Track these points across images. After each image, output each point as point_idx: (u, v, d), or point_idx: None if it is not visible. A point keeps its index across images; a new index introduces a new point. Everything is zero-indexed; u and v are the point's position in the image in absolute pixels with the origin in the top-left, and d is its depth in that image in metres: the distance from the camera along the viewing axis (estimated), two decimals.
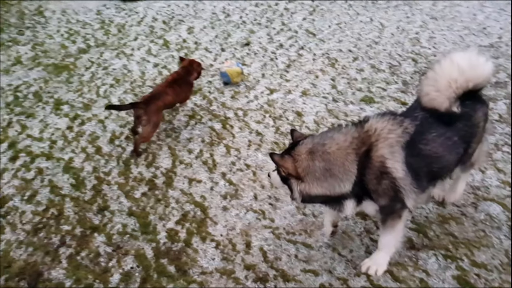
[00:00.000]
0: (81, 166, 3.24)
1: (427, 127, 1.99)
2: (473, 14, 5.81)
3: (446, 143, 2.03)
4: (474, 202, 2.72)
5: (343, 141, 1.95)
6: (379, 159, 1.90)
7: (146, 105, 3.22)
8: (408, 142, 1.92)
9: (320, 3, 6.74)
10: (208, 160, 3.27)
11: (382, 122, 1.96)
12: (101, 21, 6.53)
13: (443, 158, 2.05)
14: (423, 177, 2.01)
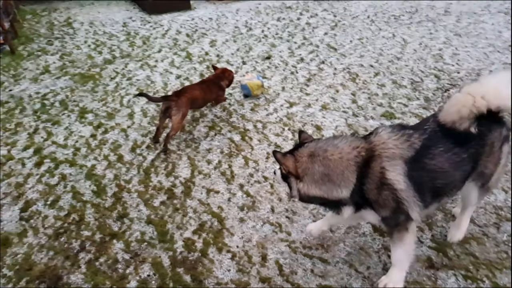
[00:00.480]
0: (103, 174, 3.31)
1: (435, 141, 1.99)
2: (498, 31, 5.73)
3: (453, 159, 1.99)
4: (496, 222, 2.64)
5: (346, 151, 1.99)
6: (379, 171, 1.93)
7: (176, 96, 3.51)
8: (413, 157, 1.93)
9: (342, 18, 6.78)
10: (226, 171, 3.29)
11: (389, 135, 1.99)
12: (127, 33, 6.73)
13: (448, 174, 2.01)
14: (427, 192, 2.00)
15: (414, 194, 1.95)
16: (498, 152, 2.13)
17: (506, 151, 2.19)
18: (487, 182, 2.22)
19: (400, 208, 1.96)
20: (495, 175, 2.21)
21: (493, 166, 2.16)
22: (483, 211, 2.73)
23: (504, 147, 2.16)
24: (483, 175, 2.17)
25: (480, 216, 2.69)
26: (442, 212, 2.73)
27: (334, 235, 2.64)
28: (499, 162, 2.17)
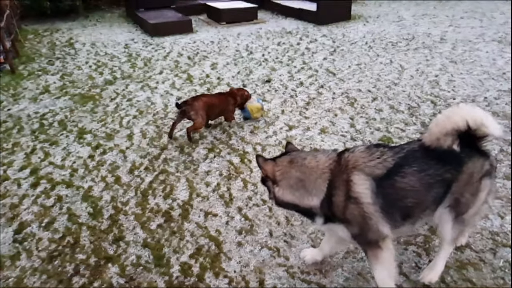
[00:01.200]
0: (100, 195, 3.27)
1: (411, 161, 2.01)
2: (492, 59, 5.84)
3: (427, 179, 2.00)
4: (492, 248, 2.61)
5: (323, 161, 2.08)
6: (348, 183, 1.99)
7: (192, 100, 3.89)
8: (384, 174, 1.98)
9: (341, 44, 6.91)
10: (225, 193, 3.26)
11: (363, 152, 2.06)
12: (128, 54, 6.82)
13: (419, 193, 2.01)
14: (396, 210, 2.03)
15: (382, 211, 1.98)
16: (477, 184, 2.06)
17: (487, 187, 2.09)
18: (462, 212, 2.12)
19: (368, 224, 1.99)
20: (472, 209, 2.12)
21: (469, 197, 2.08)
22: (480, 236, 2.71)
23: (485, 181, 2.08)
24: (458, 203, 2.09)
25: (477, 242, 2.66)
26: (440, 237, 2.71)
27: (332, 260, 2.60)
28: (477, 194, 2.09)
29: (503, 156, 3.54)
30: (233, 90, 4.26)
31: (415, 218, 2.12)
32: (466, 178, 2.03)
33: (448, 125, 1.98)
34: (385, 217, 1.99)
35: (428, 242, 2.67)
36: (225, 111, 4.16)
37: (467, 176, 2.03)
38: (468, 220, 2.16)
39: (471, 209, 2.12)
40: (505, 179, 3.24)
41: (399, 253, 2.59)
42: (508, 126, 4.01)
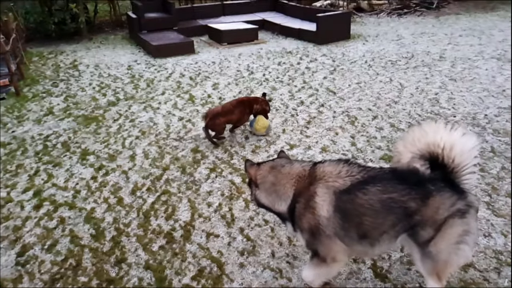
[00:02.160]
0: (102, 217, 3.28)
1: (378, 180, 2.02)
2: (492, 76, 5.89)
3: (388, 202, 1.98)
4: (496, 267, 2.59)
5: (295, 170, 2.21)
6: (310, 193, 2.10)
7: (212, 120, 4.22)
8: (346, 189, 2.03)
9: (341, 63, 7.00)
10: (226, 214, 3.26)
11: (331, 166, 2.14)
12: (131, 75, 6.92)
13: (378, 214, 2.01)
14: (353, 227, 2.05)
15: (337, 226, 2.04)
16: (441, 220, 1.96)
17: (458, 227, 1.97)
18: (424, 246, 2.03)
19: (320, 236, 2.08)
20: (440, 245, 2.00)
21: (432, 232, 1.99)
22: (483, 255, 2.68)
23: (454, 220, 1.96)
24: (418, 235, 2.02)
25: (481, 261, 2.64)
26: None
27: (335, 281, 2.57)
28: (442, 231, 1.98)
29: (505, 173, 3.54)
30: (254, 98, 4.48)
31: (373, 240, 2.09)
32: (430, 212, 1.96)
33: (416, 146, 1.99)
34: (340, 233, 2.06)
35: None
36: (240, 121, 4.43)
37: (432, 210, 1.96)
38: (437, 256, 2.02)
39: (438, 245, 2.00)
40: (507, 196, 3.23)
41: (403, 273, 2.57)
42: (508, 143, 4.02)
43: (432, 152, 1.96)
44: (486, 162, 3.71)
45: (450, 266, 2.05)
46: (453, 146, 1.92)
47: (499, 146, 3.98)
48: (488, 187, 3.36)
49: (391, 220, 2.01)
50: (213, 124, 4.24)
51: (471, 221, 1.99)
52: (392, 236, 2.07)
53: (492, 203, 3.17)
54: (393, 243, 2.13)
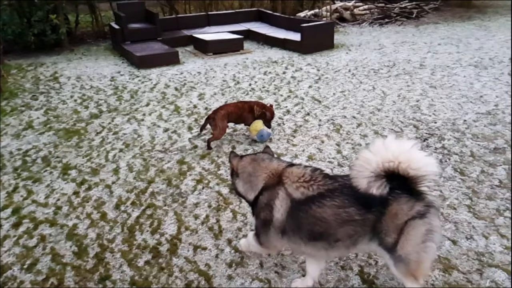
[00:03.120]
0: (85, 233, 3.19)
1: (335, 195, 2.13)
2: (470, 83, 6.04)
3: (343, 216, 2.10)
4: (479, 269, 2.62)
5: (272, 166, 2.40)
6: (274, 193, 2.28)
7: (214, 113, 4.40)
8: (303, 199, 2.18)
9: (325, 72, 7.07)
10: (214, 226, 3.22)
11: (299, 172, 2.29)
12: (114, 87, 6.84)
13: (329, 226, 2.14)
14: (303, 231, 2.22)
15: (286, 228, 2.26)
16: (402, 224, 2.03)
17: (420, 227, 2.04)
18: (394, 250, 2.09)
19: (266, 231, 2.35)
20: (407, 248, 2.06)
21: (396, 236, 2.06)
22: (466, 257, 2.71)
23: (415, 221, 2.03)
24: (385, 241, 2.10)
25: (464, 263, 2.67)
26: None
27: None
28: (406, 234, 2.04)
29: (484, 177, 3.60)
30: (250, 102, 4.69)
31: (326, 244, 2.21)
32: (390, 219, 2.05)
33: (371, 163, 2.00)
34: (289, 233, 2.27)
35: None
36: (241, 117, 4.58)
37: (391, 217, 2.05)
38: (407, 258, 2.08)
39: (405, 248, 2.06)
40: (487, 199, 3.29)
41: (389, 278, 2.56)
42: (487, 147, 4.10)
43: (386, 170, 1.98)
44: (466, 166, 3.78)
45: (423, 264, 2.11)
46: (405, 161, 1.96)
47: (478, 150, 4.06)
48: (469, 191, 3.42)
49: (345, 231, 2.13)
50: (215, 116, 4.36)
51: (432, 220, 2.06)
52: (349, 244, 2.18)
53: (473, 206, 3.22)
54: (351, 249, 2.25)
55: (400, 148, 1.99)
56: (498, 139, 4.28)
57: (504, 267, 2.62)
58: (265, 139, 4.56)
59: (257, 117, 4.53)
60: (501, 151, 4.03)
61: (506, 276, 2.55)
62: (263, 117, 4.54)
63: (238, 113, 4.53)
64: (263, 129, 4.51)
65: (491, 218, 3.08)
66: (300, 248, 2.32)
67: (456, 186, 3.50)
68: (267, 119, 4.55)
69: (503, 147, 4.11)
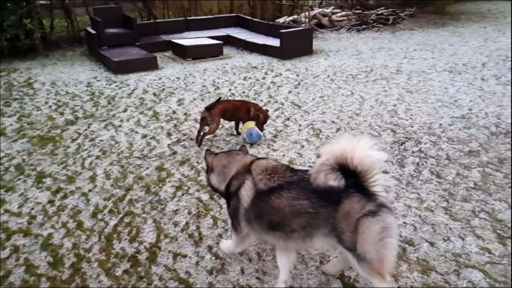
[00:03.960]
0: (60, 243, 3.09)
1: (293, 187, 2.27)
2: (445, 88, 6.21)
3: (297, 207, 2.24)
4: (456, 270, 2.68)
5: (243, 159, 2.59)
6: (241, 182, 2.47)
7: (209, 109, 4.49)
8: (265, 190, 2.35)
9: (304, 77, 7.14)
10: (194, 232, 3.18)
11: (265, 164, 2.47)
12: (91, 93, 6.71)
13: (285, 216, 2.28)
14: (263, 221, 2.38)
15: (250, 215, 2.42)
16: (355, 223, 2.09)
17: (374, 225, 2.08)
18: (352, 249, 2.14)
19: (236, 217, 2.51)
20: (364, 246, 2.10)
21: (350, 234, 2.12)
22: (444, 259, 2.77)
23: (367, 219, 2.08)
24: (342, 239, 2.16)
25: (441, 265, 2.72)
26: (406, 262, 2.75)
27: None
28: (360, 232, 2.09)
29: (460, 179, 3.70)
30: (248, 103, 4.81)
31: (283, 234, 2.35)
32: (342, 217, 2.13)
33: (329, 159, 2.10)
34: (252, 221, 2.43)
35: (395, 269, 2.69)
36: (237, 116, 4.70)
37: (343, 215, 2.13)
38: (368, 257, 2.11)
39: (363, 246, 2.10)
40: (463, 201, 3.37)
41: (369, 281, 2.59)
42: (462, 150, 4.21)
43: (340, 164, 2.09)
44: (442, 169, 3.87)
45: (385, 261, 2.14)
46: (354, 155, 2.06)
47: (453, 154, 4.16)
48: (445, 193, 3.50)
49: (300, 222, 2.26)
50: (211, 111, 4.48)
51: (386, 218, 2.11)
52: (304, 236, 2.29)
53: (449, 208, 3.30)
54: (308, 241, 2.32)
55: (349, 143, 2.09)
56: (473, 142, 4.41)
57: (480, 268, 2.68)
58: (254, 139, 4.59)
59: (251, 118, 4.61)
60: (475, 154, 4.15)
61: (482, 276, 2.62)
62: (256, 119, 4.60)
63: (233, 111, 4.65)
64: (253, 129, 4.55)
65: (467, 220, 3.15)
66: (263, 237, 2.50)
67: (433, 189, 3.58)
68: (259, 121, 4.61)
69: (477, 150, 4.23)
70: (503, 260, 2.73)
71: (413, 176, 3.80)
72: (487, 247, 2.86)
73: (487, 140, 4.42)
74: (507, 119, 4.93)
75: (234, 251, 2.85)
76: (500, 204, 3.31)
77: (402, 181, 3.71)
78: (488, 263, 2.72)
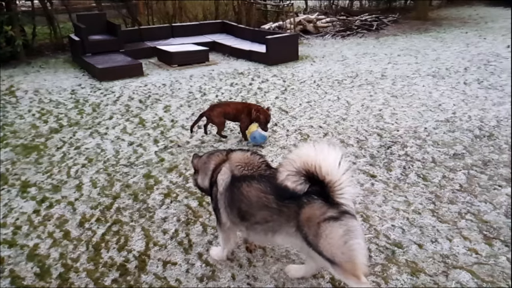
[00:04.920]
0: (47, 253, 3.02)
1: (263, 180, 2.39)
2: (429, 92, 6.33)
3: (262, 199, 2.35)
4: (444, 271, 2.72)
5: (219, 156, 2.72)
6: (219, 170, 2.60)
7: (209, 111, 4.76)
8: (239, 177, 2.47)
9: (291, 83, 7.19)
10: (183, 240, 3.15)
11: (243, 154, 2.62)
12: (75, 100, 6.61)
13: (251, 205, 2.40)
14: (235, 208, 2.50)
15: (226, 202, 2.52)
16: (316, 227, 2.15)
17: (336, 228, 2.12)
18: (320, 252, 2.19)
19: (217, 205, 2.59)
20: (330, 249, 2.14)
21: (313, 238, 2.18)
22: (432, 260, 2.80)
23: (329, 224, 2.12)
24: (311, 243, 2.21)
25: (430, 266, 2.76)
26: (396, 265, 2.77)
27: None
28: (322, 236, 2.14)
29: (446, 182, 3.76)
30: (250, 105, 4.89)
31: (249, 224, 2.47)
32: (305, 221, 2.19)
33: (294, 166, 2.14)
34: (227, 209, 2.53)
35: (385, 271, 2.72)
36: (238, 118, 4.78)
37: (305, 219, 2.19)
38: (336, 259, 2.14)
39: (330, 250, 2.14)
40: (449, 203, 3.43)
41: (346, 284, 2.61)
42: (447, 153, 4.30)
43: (306, 170, 2.12)
44: (428, 172, 3.93)
45: (356, 262, 2.16)
46: (322, 165, 2.09)
47: (439, 157, 4.24)
48: (432, 195, 3.56)
49: (263, 215, 2.36)
50: (210, 114, 4.70)
51: (349, 222, 2.14)
52: (266, 229, 2.39)
53: (436, 210, 3.35)
54: (269, 237, 2.42)
55: (320, 152, 2.11)
56: (457, 145, 4.50)
57: (468, 268, 2.73)
58: (258, 141, 4.66)
59: (253, 120, 4.67)
60: (460, 157, 4.23)
61: (470, 277, 2.66)
62: (257, 120, 4.65)
63: (235, 114, 4.76)
64: (256, 131, 4.61)
65: (454, 221, 3.21)
66: (238, 227, 2.60)
67: (420, 192, 3.63)
68: (261, 122, 4.65)
69: (462, 152, 4.32)
70: (490, 261, 2.78)
71: (400, 179, 3.85)
72: (474, 248, 2.91)
73: (471, 143, 4.52)
74: (490, 122, 5.06)
75: (223, 257, 2.87)
76: (485, 206, 3.38)
77: (390, 185, 3.76)
78: (476, 263, 2.77)
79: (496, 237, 3.00)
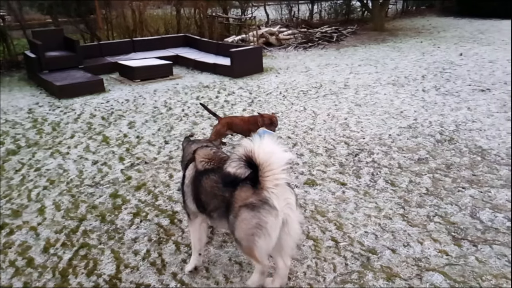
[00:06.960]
0: (9, 283, 2.81)
1: (218, 171, 2.53)
2: (390, 100, 6.57)
3: (214, 190, 2.53)
4: (418, 274, 2.77)
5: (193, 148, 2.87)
6: (187, 166, 2.78)
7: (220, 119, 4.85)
8: (202, 171, 2.64)
9: (257, 95, 7.22)
10: (156, 260, 3.04)
11: (207, 150, 2.77)
12: (33, 120, 6.31)
13: (208, 195, 2.59)
14: (198, 199, 2.66)
15: (189, 193, 2.70)
16: (236, 210, 2.35)
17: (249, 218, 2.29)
18: (234, 232, 2.42)
19: (185, 198, 2.76)
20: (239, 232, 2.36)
21: (233, 218, 2.39)
22: (406, 264, 2.86)
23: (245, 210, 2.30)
24: (229, 217, 2.42)
25: (404, 270, 2.81)
26: (371, 271, 2.80)
27: None
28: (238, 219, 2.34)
29: (413, 186, 3.88)
30: (255, 116, 4.89)
31: (208, 214, 2.67)
32: (232, 201, 2.39)
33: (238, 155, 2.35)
34: (193, 200, 2.68)
35: (361, 278, 2.75)
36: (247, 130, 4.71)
37: (233, 199, 2.38)
38: (241, 242, 2.39)
39: (238, 232, 2.37)
40: (418, 207, 3.54)
41: None
42: (412, 158, 4.45)
43: (246, 156, 2.28)
44: (395, 177, 4.05)
45: (253, 253, 2.36)
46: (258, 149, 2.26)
47: (404, 162, 4.38)
48: (401, 200, 3.65)
49: (215, 203, 2.54)
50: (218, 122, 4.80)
51: (264, 217, 2.27)
52: (218, 216, 2.57)
53: (406, 214, 3.44)
54: (224, 224, 2.56)
55: (258, 140, 2.29)
56: (421, 150, 4.67)
57: (440, 270, 2.80)
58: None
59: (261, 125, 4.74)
60: (424, 161, 4.39)
61: (442, 278, 2.73)
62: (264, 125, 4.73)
63: (243, 126, 4.79)
64: (261, 129, 4.58)
65: (423, 225, 3.30)
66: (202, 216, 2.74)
67: (389, 197, 3.72)
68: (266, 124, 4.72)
69: (426, 157, 4.49)
70: (460, 261, 2.88)
71: (369, 186, 3.94)
72: (444, 249, 3.00)
73: (434, 148, 4.71)
74: (449, 126, 5.30)
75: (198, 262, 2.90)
76: (451, 208, 3.51)
77: (360, 192, 3.83)
78: (447, 265, 2.85)
79: (464, 238, 3.12)
